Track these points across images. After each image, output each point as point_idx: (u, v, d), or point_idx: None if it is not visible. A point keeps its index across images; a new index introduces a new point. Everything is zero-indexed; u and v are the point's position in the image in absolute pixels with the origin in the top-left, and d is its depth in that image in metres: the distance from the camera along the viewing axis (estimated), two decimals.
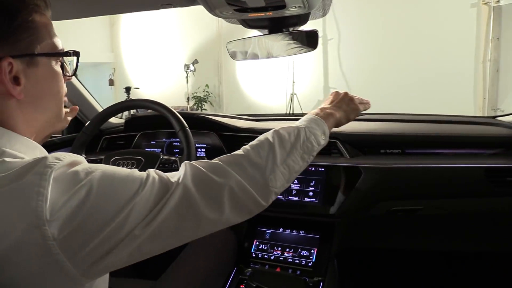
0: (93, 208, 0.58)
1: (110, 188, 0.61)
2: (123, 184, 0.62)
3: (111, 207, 0.60)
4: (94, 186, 0.59)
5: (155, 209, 0.63)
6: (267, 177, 0.77)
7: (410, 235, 1.57)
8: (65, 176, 0.59)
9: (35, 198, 0.55)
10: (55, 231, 0.55)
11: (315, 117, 0.96)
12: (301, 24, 1.23)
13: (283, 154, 0.82)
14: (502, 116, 1.58)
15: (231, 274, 1.29)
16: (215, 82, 8.65)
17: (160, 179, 0.66)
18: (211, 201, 0.69)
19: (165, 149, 1.63)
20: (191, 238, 0.70)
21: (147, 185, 0.64)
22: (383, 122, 1.62)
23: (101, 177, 0.61)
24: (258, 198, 0.75)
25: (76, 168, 0.60)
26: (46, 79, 0.70)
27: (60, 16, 1.25)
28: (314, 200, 1.35)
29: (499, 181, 1.29)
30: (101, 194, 0.60)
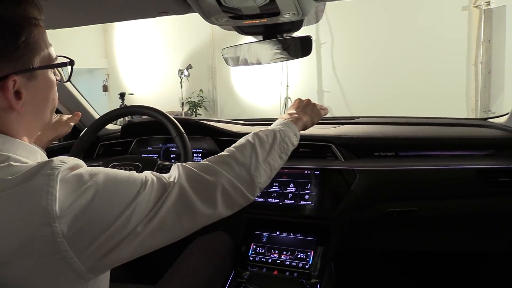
0: (99, 208, 0.62)
1: (114, 189, 0.65)
2: (125, 185, 0.67)
3: (116, 207, 0.64)
4: (99, 187, 0.63)
5: (155, 207, 0.68)
6: (252, 174, 0.86)
7: (405, 236, 1.59)
8: (71, 177, 0.62)
9: (44, 197, 0.58)
10: (65, 228, 0.58)
11: (286, 121, 1.07)
12: (295, 30, 1.25)
13: (264, 153, 0.92)
14: (493, 118, 1.61)
15: (229, 277, 1.30)
16: (209, 87, 8.66)
17: (158, 180, 0.72)
18: (205, 198, 0.76)
19: (161, 154, 1.64)
20: (189, 232, 0.76)
21: (147, 185, 0.69)
22: (377, 126, 1.64)
23: (105, 179, 0.65)
24: (246, 193, 0.84)
25: (80, 171, 0.64)
26: (44, 89, 0.73)
27: (56, 24, 1.27)
28: (310, 203, 1.37)
29: (491, 181, 1.32)
30: (107, 195, 0.64)
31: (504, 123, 1.48)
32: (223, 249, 1.35)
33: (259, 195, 1.43)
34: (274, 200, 1.41)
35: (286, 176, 1.43)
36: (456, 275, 1.72)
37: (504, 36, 5.26)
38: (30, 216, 0.58)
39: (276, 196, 1.41)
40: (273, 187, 1.42)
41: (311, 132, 1.50)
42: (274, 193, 1.41)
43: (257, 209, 1.42)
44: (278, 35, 1.25)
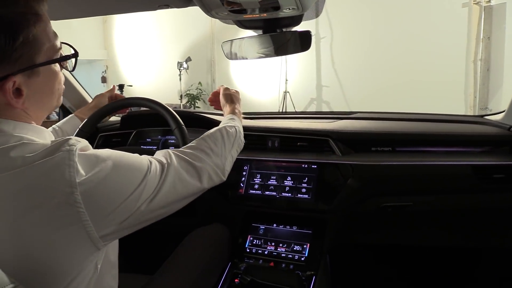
0: (116, 182, 0.70)
1: (128, 167, 0.74)
2: (137, 165, 0.76)
3: (130, 183, 0.73)
4: (116, 163, 0.71)
5: (158, 184, 0.79)
6: (224, 162, 1.05)
7: (400, 231, 1.61)
8: (89, 154, 0.68)
9: (67, 170, 0.64)
10: (85, 198, 0.65)
11: (235, 117, 1.26)
12: (295, 24, 1.26)
13: (229, 146, 1.10)
14: (490, 115, 1.63)
15: (226, 268, 1.32)
16: (208, 79, 8.65)
17: (158, 161, 0.83)
18: (194, 177, 0.92)
19: (160, 146, 1.65)
20: (185, 202, 0.91)
21: (152, 166, 0.79)
22: (374, 121, 1.65)
23: (120, 157, 0.74)
24: (221, 176, 1.03)
25: (95, 150, 0.71)
26: (47, 83, 0.75)
27: (57, 16, 1.27)
28: (306, 196, 1.38)
29: (486, 178, 1.33)
30: (122, 171, 0.72)
31: (500, 120, 1.50)
32: (220, 240, 1.37)
33: (256, 188, 1.44)
34: (271, 193, 1.42)
35: (284, 170, 1.44)
36: (450, 270, 1.75)
37: (504, 34, 5.27)
38: (55, 186, 0.63)
39: (274, 189, 1.42)
40: (271, 180, 1.44)
41: (309, 126, 1.52)
42: (272, 186, 1.43)
43: (255, 201, 1.44)
44: (277, 29, 1.26)
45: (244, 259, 1.36)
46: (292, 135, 1.51)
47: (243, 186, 1.46)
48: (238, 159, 1.49)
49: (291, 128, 1.52)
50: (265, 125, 1.58)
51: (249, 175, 1.47)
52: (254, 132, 1.56)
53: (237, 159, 1.48)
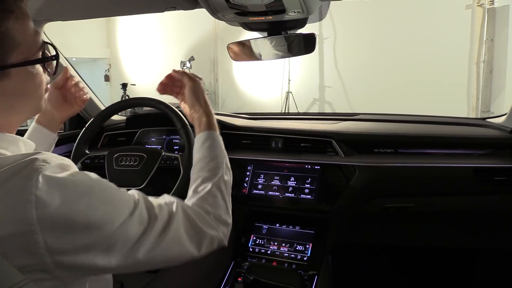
0: (83, 216, 0.59)
1: (101, 203, 0.62)
2: (114, 203, 0.64)
3: (99, 221, 0.61)
4: (84, 195, 0.60)
5: (140, 239, 0.66)
6: (226, 235, 0.87)
7: (402, 231, 1.62)
8: (52, 181, 0.58)
9: (22, 205, 0.55)
10: (46, 237, 0.56)
11: (215, 133, 1.00)
12: (299, 27, 1.27)
13: (228, 198, 0.93)
14: (492, 118, 1.64)
15: (229, 267, 1.33)
16: (211, 79, 8.66)
17: (147, 209, 0.69)
18: (194, 242, 0.76)
19: (165, 146, 1.67)
20: (163, 266, 0.75)
21: (135, 214, 0.66)
22: (377, 122, 1.67)
23: (93, 187, 0.62)
24: (224, 241, 0.85)
25: (63, 175, 0.60)
26: (20, 86, 0.66)
27: (65, 17, 1.29)
28: (309, 197, 1.40)
29: (487, 180, 1.35)
30: (92, 206, 0.61)
31: (502, 123, 1.51)
32: None
33: (259, 188, 1.46)
34: (274, 193, 1.44)
35: (287, 170, 1.46)
36: (451, 271, 1.76)
37: (507, 36, 5.27)
38: (7, 221, 0.55)
39: (277, 189, 1.44)
40: (274, 181, 1.45)
41: (312, 127, 1.53)
42: (275, 186, 1.44)
43: (258, 201, 1.45)
44: (282, 32, 1.27)
45: (247, 258, 1.38)
46: (295, 136, 1.52)
47: (247, 186, 1.47)
48: (242, 159, 1.51)
49: (295, 129, 1.54)
50: (268, 126, 1.59)
51: (252, 175, 1.48)
52: (258, 132, 1.57)
53: (241, 159, 1.51)
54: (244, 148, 1.58)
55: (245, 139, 1.59)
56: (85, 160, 1.41)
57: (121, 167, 1.33)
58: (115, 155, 1.36)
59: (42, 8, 1.17)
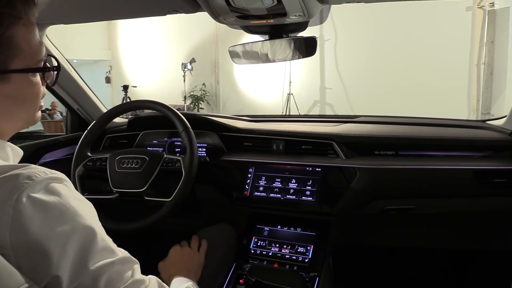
0: (61, 249, 0.55)
1: (83, 245, 0.57)
2: (95, 250, 0.59)
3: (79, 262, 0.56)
4: (66, 222, 0.56)
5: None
6: None
7: (402, 233, 1.63)
8: (32, 204, 0.54)
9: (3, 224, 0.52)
10: (19, 262, 0.53)
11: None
12: (300, 30, 1.28)
13: None
14: (492, 120, 1.64)
15: (231, 269, 1.34)
16: (212, 81, 8.69)
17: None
18: None
19: (166, 148, 1.68)
20: None
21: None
22: (378, 125, 1.67)
23: (78, 226, 0.58)
24: None
25: (47, 198, 0.56)
26: (19, 93, 0.66)
27: (68, 20, 1.30)
28: (311, 199, 1.40)
29: (487, 182, 1.35)
30: (74, 245, 0.56)
31: (502, 126, 1.52)
32: (226, 241, 1.39)
33: (261, 190, 1.46)
34: (276, 195, 1.44)
35: (288, 172, 1.46)
36: (451, 272, 1.76)
37: (507, 38, 5.29)
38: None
39: (278, 191, 1.45)
40: (275, 183, 1.46)
41: (313, 130, 1.54)
42: (276, 188, 1.45)
43: (259, 203, 1.46)
44: (283, 35, 1.28)
45: (249, 260, 1.38)
46: (297, 138, 1.53)
47: (248, 188, 1.48)
48: (243, 161, 1.52)
49: (296, 132, 1.54)
50: (270, 128, 1.60)
51: (254, 177, 1.49)
52: (259, 135, 1.58)
53: (242, 162, 1.52)
54: (245, 150, 1.59)
55: (247, 141, 1.60)
56: (87, 162, 1.42)
57: (123, 170, 1.34)
58: (117, 158, 1.37)
59: (44, 12, 1.18)
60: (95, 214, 0.64)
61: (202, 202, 1.59)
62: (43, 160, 1.62)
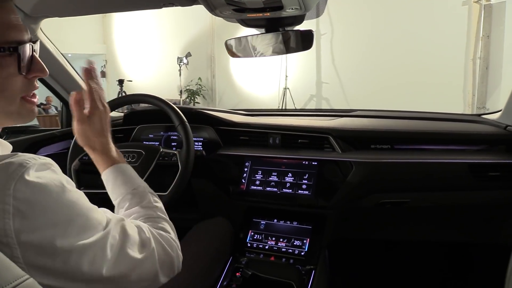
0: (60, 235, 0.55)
1: (72, 216, 0.58)
2: (84, 223, 0.60)
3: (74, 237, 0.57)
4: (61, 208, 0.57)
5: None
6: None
7: (398, 226, 1.64)
8: (33, 186, 0.54)
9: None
10: (26, 252, 0.53)
11: (124, 166, 0.92)
12: (297, 24, 1.28)
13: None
14: (487, 114, 1.65)
15: (228, 262, 1.34)
16: (208, 75, 8.66)
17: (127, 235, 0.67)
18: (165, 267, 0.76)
19: (163, 142, 1.67)
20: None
21: (109, 233, 0.63)
22: (374, 119, 1.68)
23: (68, 199, 0.58)
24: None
25: (45, 181, 0.56)
26: None
27: (62, 13, 1.29)
28: (307, 192, 1.41)
29: (481, 176, 1.36)
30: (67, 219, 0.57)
31: (497, 120, 1.53)
32: (223, 235, 1.39)
33: (257, 184, 1.47)
34: (272, 189, 1.45)
35: (285, 166, 1.46)
36: (446, 265, 1.78)
37: (503, 32, 5.30)
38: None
39: (275, 185, 1.45)
40: (272, 177, 1.46)
41: (309, 124, 1.54)
42: (273, 182, 1.45)
43: (256, 197, 1.46)
44: (280, 28, 1.28)
45: (245, 253, 1.39)
46: (293, 132, 1.53)
47: (245, 182, 1.48)
48: (239, 155, 1.52)
49: (292, 126, 1.55)
50: (266, 122, 1.60)
51: (250, 171, 1.49)
52: (256, 129, 1.58)
53: (238, 156, 1.52)
54: (242, 144, 1.59)
55: (243, 136, 1.60)
56: (83, 156, 1.41)
57: None
58: None
59: (38, 5, 1.17)
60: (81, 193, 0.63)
61: (199, 196, 1.59)
62: (39, 154, 1.61)
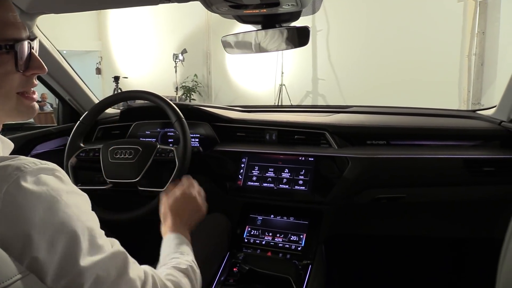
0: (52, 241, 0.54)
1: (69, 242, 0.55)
2: (85, 247, 0.57)
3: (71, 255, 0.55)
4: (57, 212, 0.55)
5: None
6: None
7: (393, 221, 1.65)
8: (23, 193, 0.53)
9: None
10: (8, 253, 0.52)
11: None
12: (293, 20, 1.28)
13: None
14: (481, 110, 1.66)
15: (225, 258, 1.35)
16: (203, 72, 8.64)
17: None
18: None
19: (159, 139, 1.67)
20: None
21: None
22: (370, 115, 1.69)
23: (69, 213, 0.57)
24: None
25: (36, 188, 0.54)
26: None
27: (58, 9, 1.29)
28: (303, 188, 1.42)
29: (476, 171, 1.37)
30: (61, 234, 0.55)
31: (492, 115, 1.54)
32: (220, 230, 1.40)
33: (254, 179, 1.47)
34: (269, 185, 1.45)
35: (281, 162, 1.47)
36: (441, 260, 1.79)
37: (498, 29, 5.31)
38: None
39: (271, 181, 1.46)
40: (268, 172, 1.47)
41: (306, 120, 1.55)
42: (269, 178, 1.46)
43: (253, 193, 1.47)
44: (276, 24, 1.28)
45: (242, 249, 1.39)
46: (289, 128, 1.54)
47: (242, 178, 1.49)
48: (236, 151, 1.53)
49: (289, 122, 1.55)
50: (263, 118, 1.61)
51: (247, 167, 1.50)
52: (252, 125, 1.59)
53: (235, 152, 1.53)
54: (238, 140, 1.60)
55: (240, 132, 1.60)
56: (80, 153, 1.41)
57: (117, 160, 1.34)
58: (110, 148, 1.37)
59: (35, 1, 1.17)
60: (88, 208, 0.62)
61: None
62: (35, 151, 1.61)
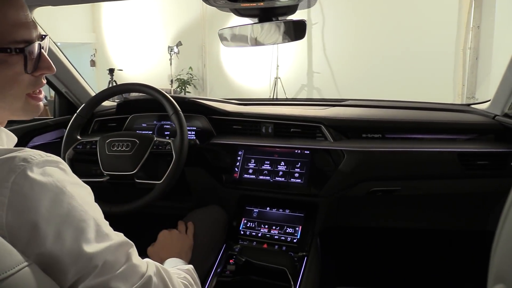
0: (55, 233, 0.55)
1: (75, 225, 0.57)
2: (91, 235, 0.58)
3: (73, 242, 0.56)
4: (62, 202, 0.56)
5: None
6: None
7: (388, 214, 1.67)
8: (30, 183, 0.55)
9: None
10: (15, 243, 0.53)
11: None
12: (290, 14, 1.28)
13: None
14: (476, 104, 1.68)
15: (221, 250, 1.36)
16: (199, 64, 8.59)
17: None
18: None
19: (156, 131, 1.68)
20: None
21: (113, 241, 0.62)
22: (365, 108, 1.70)
23: (73, 205, 0.58)
24: None
25: (43, 178, 0.56)
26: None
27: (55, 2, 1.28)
28: (299, 181, 1.43)
29: (470, 164, 1.39)
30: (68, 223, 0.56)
31: (486, 109, 1.55)
32: (216, 223, 1.41)
33: (250, 172, 1.48)
34: (265, 178, 1.47)
35: (277, 155, 1.48)
36: (435, 252, 1.82)
37: (493, 23, 5.32)
38: None
39: (267, 174, 1.47)
40: (265, 165, 1.48)
41: (302, 113, 1.56)
42: (265, 170, 1.47)
43: (249, 185, 1.48)
44: (273, 18, 1.28)
45: (239, 241, 1.41)
46: (285, 122, 1.55)
47: (238, 170, 1.50)
48: (232, 144, 1.54)
49: (285, 115, 1.56)
50: (259, 111, 1.61)
51: (243, 160, 1.51)
52: (248, 118, 1.59)
53: (232, 144, 1.54)
54: (234, 133, 1.60)
55: (236, 125, 1.61)
56: (77, 146, 1.41)
57: (114, 153, 1.35)
58: (107, 141, 1.37)
59: None
60: (91, 199, 0.64)
61: (192, 185, 1.60)
62: (32, 143, 1.61)
